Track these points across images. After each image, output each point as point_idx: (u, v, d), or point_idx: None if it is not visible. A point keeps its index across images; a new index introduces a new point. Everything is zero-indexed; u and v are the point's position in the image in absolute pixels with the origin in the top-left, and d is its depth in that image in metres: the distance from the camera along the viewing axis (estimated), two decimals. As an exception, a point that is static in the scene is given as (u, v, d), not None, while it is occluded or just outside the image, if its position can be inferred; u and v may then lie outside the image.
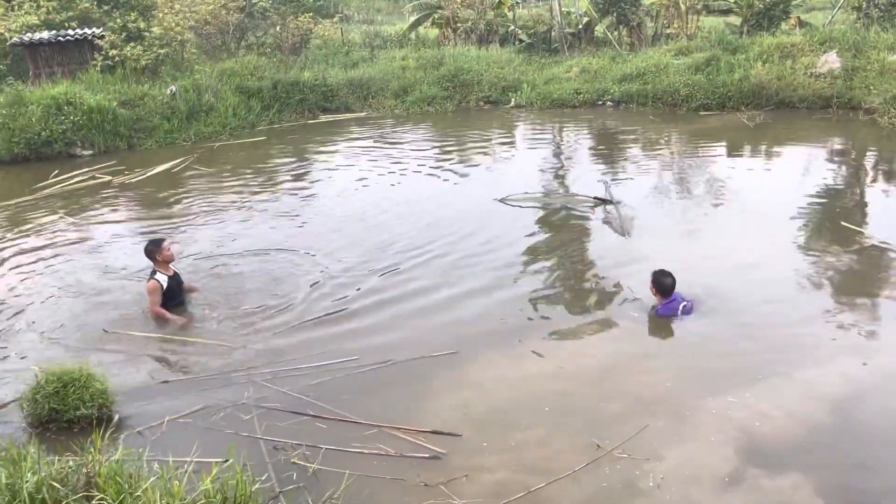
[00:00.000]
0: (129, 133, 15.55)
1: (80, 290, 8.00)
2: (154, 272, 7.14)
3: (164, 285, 7.07)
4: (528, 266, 8.11)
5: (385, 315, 7.04)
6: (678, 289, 6.67)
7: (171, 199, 11.65)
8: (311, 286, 7.74)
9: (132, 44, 17.31)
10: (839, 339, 6.24)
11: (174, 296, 7.19)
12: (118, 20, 17.70)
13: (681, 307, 6.65)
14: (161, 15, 18.07)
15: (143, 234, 9.97)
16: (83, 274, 8.50)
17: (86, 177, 13.25)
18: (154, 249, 7.18)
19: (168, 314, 7.05)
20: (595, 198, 10.13)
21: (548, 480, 4.57)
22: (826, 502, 4.35)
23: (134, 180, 12.96)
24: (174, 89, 16.56)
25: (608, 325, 6.71)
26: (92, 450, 4.53)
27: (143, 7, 18.23)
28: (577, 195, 10.60)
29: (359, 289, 7.64)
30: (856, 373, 5.68)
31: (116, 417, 5.53)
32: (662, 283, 6.64)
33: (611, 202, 9.84)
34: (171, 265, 7.28)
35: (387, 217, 10.01)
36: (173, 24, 17.91)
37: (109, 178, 13.13)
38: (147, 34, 17.54)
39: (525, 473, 4.68)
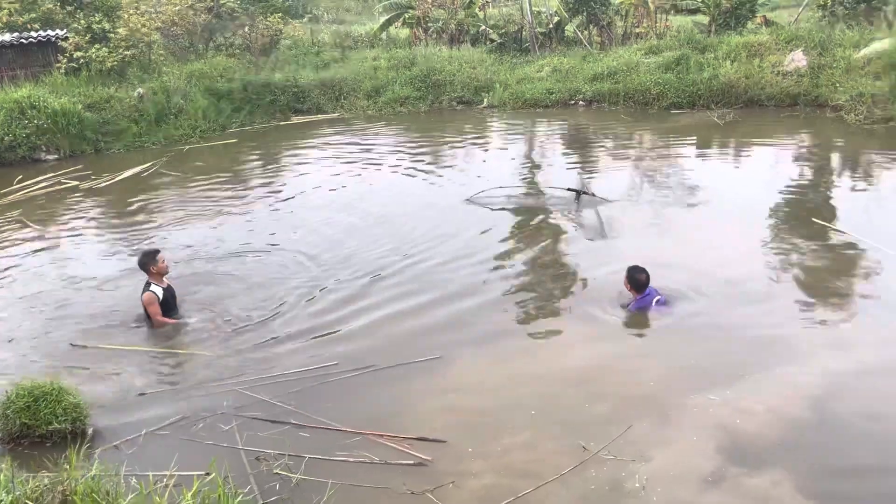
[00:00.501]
0: (95, 137, 15.25)
1: (44, 302, 7.72)
2: (148, 284, 6.98)
3: (160, 297, 6.94)
4: (507, 269, 8.08)
5: (364, 320, 6.94)
6: (653, 284, 6.76)
7: (141, 205, 11.42)
8: (288, 292, 7.62)
9: (97, 45, 16.97)
10: (816, 335, 6.32)
11: (169, 308, 7.05)
12: (82, 21, 17.33)
13: (654, 301, 6.72)
14: (126, 16, 17.73)
15: (111, 241, 9.77)
16: (48, 284, 8.23)
17: (51, 182, 12.94)
18: (148, 261, 7.02)
19: (172, 321, 6.96)
20: (570, 189, 10.15)
21: (535, 484, 4.54)
22: (805, 498, 4.39)
23: (101, 185, 12.68)
24: (141, 92, 16.26)
25: (590, 325, 6.71)
26: (67, 466, 4.41)
27: (108, 8, 17.85)
28: (553, 187, 10.64)
29: (336, 293, 7.55)
30: (834, 368, 5.74)
31: (90, 431, 5.38)
32: (637, 279, 6.73)
33: (585, 192, 9.87)
34: (164, 277, 7.14)
35: (362, 220, 9.91)
36: (139, 25, 17.59)
37: (76, 183, 12.84)
38: (112, 35, 17.21)
39: (512, 478, 4.64)
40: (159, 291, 6.95)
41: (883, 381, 5.55)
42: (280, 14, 21.43)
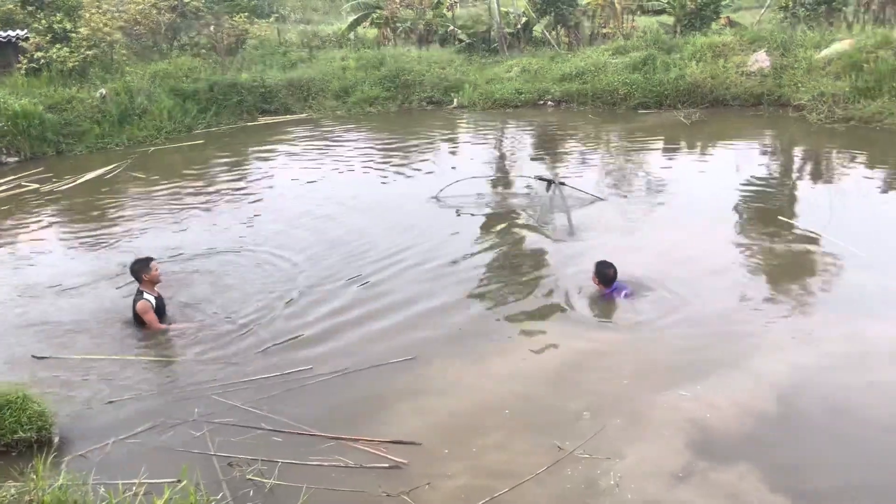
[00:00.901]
0: (57, 138, 14.92)
1: (3, 310, 7.46)
2: (141, 292, 6.86)
3: (154, 305, 6.84)
4: (479, 269, 8.07)
5: (337, 323, 6.88)
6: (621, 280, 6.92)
7: (105, 208, 11.20)
8: (259, 295, 7.54)
9: (58, 45, 16.62)
10: (783, 330, 6.43)
11: (160, 316, 6.92)
12: (43, 21, 16.96)
13: (622, 294, 6.94)
14: (88, 15, 17.39)
15: (74, 246, 9.55)
16: (8, 292, 7.95)
17: (11, 185, 12.62)
18: (141, 269, 6.91)
19: (171, 326, 6.87)
20: (540, 178, 10.21)
21: (511, 485, 4.54)
22: (771, 490, 4.47)
23: (63, 188, 12.41)
24: (104, 92, 15.95)
25: (563, 324, 6.75)
26: (34, 476, 4.31)
27: (69, 7, 17.49)
28: (523, 175, 10.70)
29: (308, 297, 7.48)
30: (799, 362, 5.86)
31: (57, 440, 5.26)
32: (604, 273, 6.94)
33: (555, 182, 9.93)
34: (156, 286, 7.02)
35: (332, 222, 9.83)
36: (101, 25, 17.27)
37: (37, 185, 12.54)
38: (74, 35, 16.86)
39: (488, 478, 4.64)
40: (152, 300, 6.85)
41: (845, 376, 5.67)
42: (246, 14, 21.21)
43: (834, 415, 5.20)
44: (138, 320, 6.83)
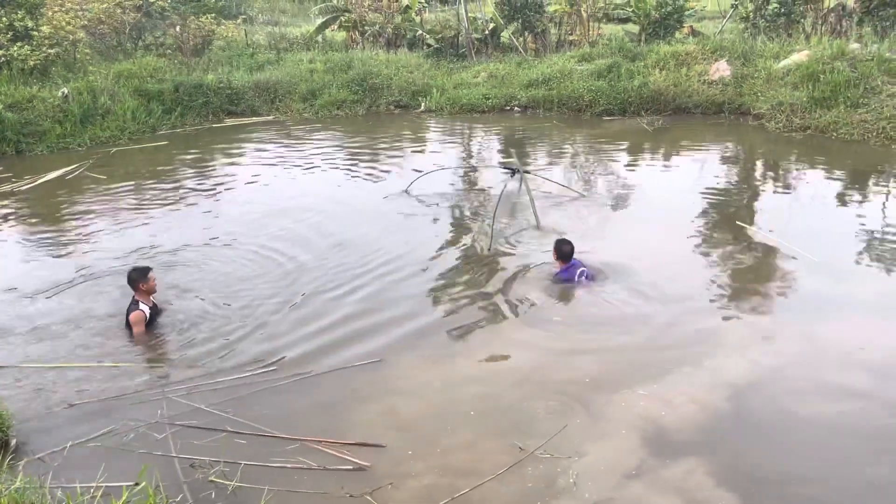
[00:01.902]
0: (16, 138, 14.59)
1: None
2: (136, 302, 6.78)
3: (148, 316, 6.78)
4: (445, 269, 8.14)
5: (303, 325, 6.88)
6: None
7: (66, 209, 11.02)
8: (224, 298, 7.51)
9: (19, 43, 16.27)
10: (741, 329, 6.64)
11: (151, 325, 6.88)
12: (3, 18, 16.58)
13: (578, 272, 7.48)
14: (50, 13, 17.07)
15: (32, 248, 9.37)
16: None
17: (-32, 185, 12.35)
18: (139, 278, 6.82)
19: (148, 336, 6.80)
20: (505, 166, 10.37)
21: (474, 484, 4.61)
22: (716, 485, 4.63)
23: (23, 188, 12.17)
24: (66, 91, 15.66)
25: (528, 325, 6.85)
26: (-9, 478, 4.26)
27: (31, 5, 17.14)
28: (489, 165, 10.86)
29: (273, 299, 7.47)
30: (756, 361, 6.05)
31: (14, 443, 5.19)
32: (562, 249, 7.56)
33: (520, 170, 10.07)
34: (152, 296, 6.96)
35: (297, 224, 9.79)
36: (63, 23, 16.96)
37: (-4, 185, 12.30)
38: (35, 33, 16.53)
39: (451, 478, 4.70)
40: (147, 310, 6.78)
41: (796, 376, 5.86)
42: (213, 14, 21.01)
43: (783, 413, 5.39)
44: (129, 328, 6.76)
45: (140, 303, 6.79)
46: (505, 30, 21.64)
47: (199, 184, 12.32)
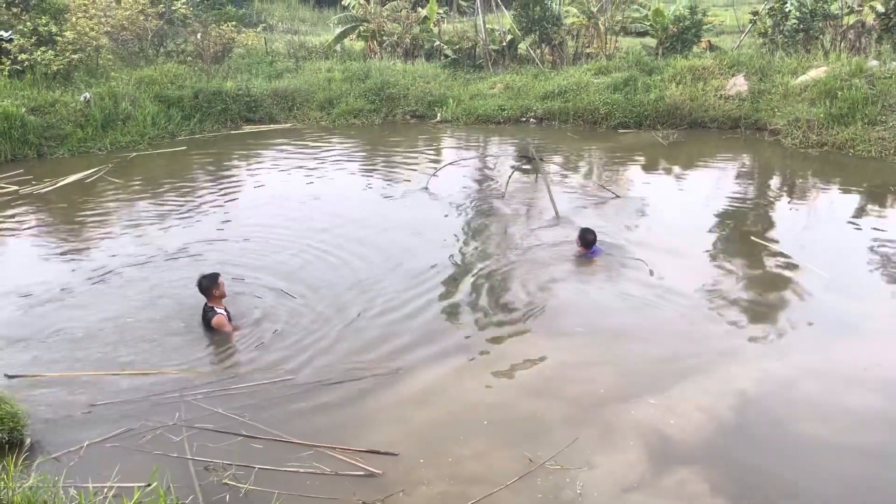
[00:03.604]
0: (38, 141, 14.81)
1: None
2: (211, 308, 6.90)
3: (228, 317, 6.94)
4: (462, 279, 8.14)
5: (323, 334, 6.88)
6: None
7: (84, 211, 11.16)
8: (245, 303, 7.57)
9: (43, 48, 16.54)
10: (749, 343, 6.64)
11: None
12: (28, 23, 16.89)
13: (599, 254, 8.63)
14: (74, 19, 17.35)
15: (54, 251, 9.50)
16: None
17: (-10, 187, 12.55)
18: (211, 285, 6.92)
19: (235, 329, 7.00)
20: (521, 155, 10.46)
21: (484, 493, 4.63)
22: (715, 496, 4.65)
23: (43, 191, 12.34)
24: (88, 96, 15.90)
25: (545, 335, 6.85)
26: (4, 476, 4.32)
27: (56, 10, 17.43)
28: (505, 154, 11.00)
29: (295, 307, 7.52)
30: (765, 375, 6.06)
31: (28, 442, 5.26)
32: (586, 238, 8.58)
33: (535, 158, 10.19)
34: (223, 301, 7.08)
35: (315, 232, 9.85)
36: (87, 29, 17.23)
37: (15, 187, 12.47)
38: (59, 38, 16.81)
39: (463, 486, 4.73)
40: (224, 313, 6.93)
41: (801, 392, 5.86)
42: (233, 23, 21.26)
43: (785, 427, 5.40)
44: (212, 331, 6.88)
45: (216, 308, 6.91)
46: (522, 41, 21.73)
47: (214, 188, 12.44)
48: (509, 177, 9.71)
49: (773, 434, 5.32)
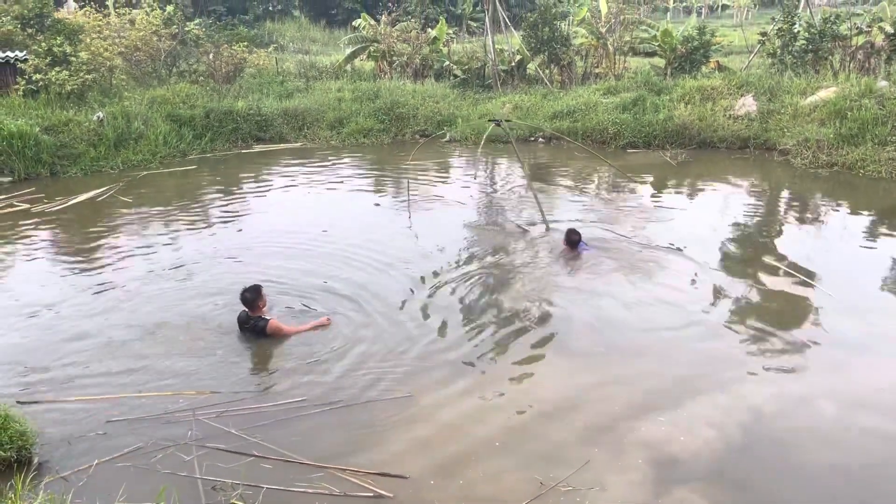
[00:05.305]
0: (52, 160, 14.98)
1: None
2: (259, 318, 7.06)
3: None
4: (475, 302, 8.12)
5: (332, 356, 6.81)
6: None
7: (94, 229, 11.23)
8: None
9: (57, 68, 16.77)
10: (767, 362, 6.57)
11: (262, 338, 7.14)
12: (43, 44, 17.14)
13: (585, 249, 9.40)
14: (88, 40, 17.60)
15: (64, 267, 9.55)
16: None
17: (2, 204, 12.65)
18: (255, 297, 7.08)
19: (305, 326, 7.27)
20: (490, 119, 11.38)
21: (496, 515, 4.59)
22: None
23: (55, 209, 12.44)
24: (101, 115, 16.08)
25: (559, 356, 6.81)
26: (12, 495, 4.31)
27: (70, 31, 17.69)
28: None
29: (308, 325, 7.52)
30: (779, 392, 6.02)
31: (36, 460, 5.25)
32: (571, 238, 9.42)
33: (504, 120, 10.41)
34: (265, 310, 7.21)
35: (327, 251, 9.86)
36: (101, 50, 17.47)
37: (27, 205, 12.58)
38: (74, 59, 17.04)
39: (474, 508, 4.68)
40: (273, 317, 7.10)
41: (808, 415, 5.80)
42: (245, 43, 21.51)
43: (792, 449, 5.35)
44: (262, 339, 7.04)
45: (263, 316, 7.07)
46: (531, 62, 21.87)
47: (224, 207, 12.50)
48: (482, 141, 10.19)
49: (779, 455, 5.25)
